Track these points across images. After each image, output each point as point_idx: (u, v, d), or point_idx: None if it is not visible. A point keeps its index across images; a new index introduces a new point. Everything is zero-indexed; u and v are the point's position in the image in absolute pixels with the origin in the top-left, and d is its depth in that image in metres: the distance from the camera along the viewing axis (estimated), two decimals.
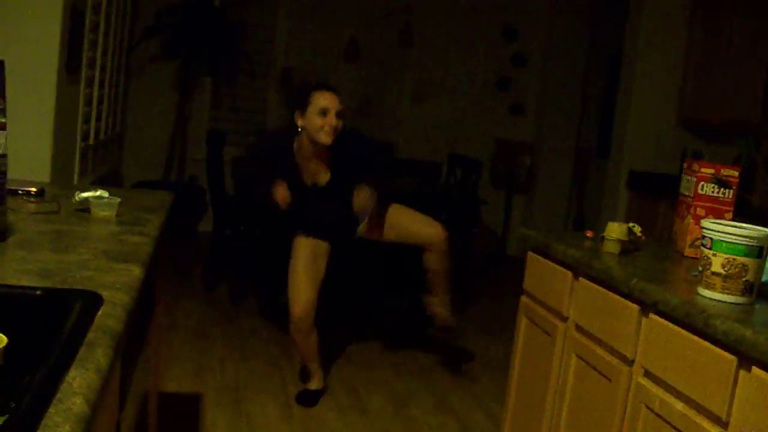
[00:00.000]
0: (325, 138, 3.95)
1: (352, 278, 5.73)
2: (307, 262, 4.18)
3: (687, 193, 2.89)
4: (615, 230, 2.76)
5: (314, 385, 4.36)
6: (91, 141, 5.73)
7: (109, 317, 1.38)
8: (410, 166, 7.72)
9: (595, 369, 2.58)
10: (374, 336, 5.48)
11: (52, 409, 0.98)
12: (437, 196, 6.33)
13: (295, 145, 4.09)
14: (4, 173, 1.86)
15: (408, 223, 4.39)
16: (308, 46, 8.53)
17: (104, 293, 1.50)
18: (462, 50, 8.72)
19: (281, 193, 3.99)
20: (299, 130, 4.04)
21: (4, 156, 1.85)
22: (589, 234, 3.08)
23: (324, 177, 4.14)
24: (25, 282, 1.56)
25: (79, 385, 1.08)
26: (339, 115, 3.98)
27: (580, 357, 2.70)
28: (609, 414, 2.46)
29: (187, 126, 8.27)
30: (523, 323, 3.23)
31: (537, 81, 8.89)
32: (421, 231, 4.38)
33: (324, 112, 3.94)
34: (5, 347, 1.25)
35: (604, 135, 7.94)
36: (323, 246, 4.27)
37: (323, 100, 3.96)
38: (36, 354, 1.31)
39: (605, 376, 2.50)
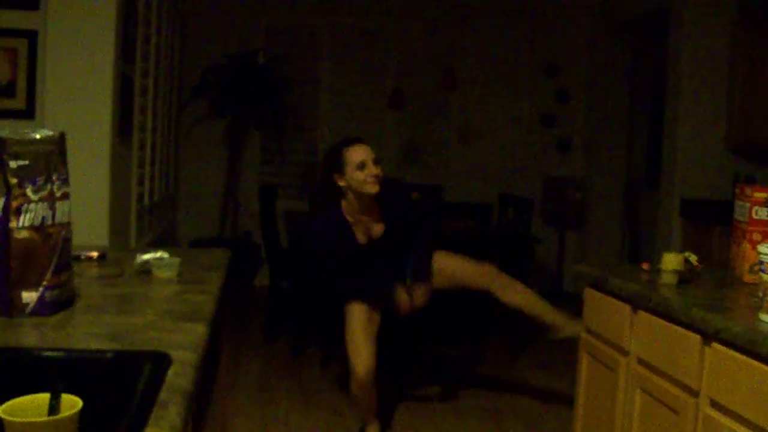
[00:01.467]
0: (372, 188, 3.96)
1: (406, 330, 5.72)
2: (363, 323, 4.18)
3: (741, 219, 2.88)
4: (671, 261, 2.75)
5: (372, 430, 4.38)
6: (146, 202, 5.84)
7: (179, 376, 1.42)
8: (461, 208, 7.73)
9: (660, 402, 2.56)
10: (431, 382, 5.47)
11: None
12: (490, 237, 6.33)
13: (343, 209, 4.09)
14: (69, 240, 1.92)
15: (454, 269, 4.37)
16: (353, 95, 8.63)
17: (172, 353, 1.54)
18: (505, 90, 8.77)
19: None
20: (342, 191, 4.05)
21: (68, 224, 1.90)
22: (645, 266, 3.07)
23: (378, 229, 4.14)
24: (94, 345, 1.60)
25: None
26: (376, 162, 4.00)
27: (644, 390, 2.68)
28: None
29: (239, 181, 8.39)
30: (584, 359, 3.22)
31: (582, 115, 8.89)
32: (469, 272, 4.37)
33: (362, 166, 3.95)
34: (81, 410, 1.29)
35: (653, 165, 7.89)
36: (378, 305, 4.29)
37: (357, 154, 3.97)
38: (110, 416, 1.35)
39: (672, 409, 2.48)
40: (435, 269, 4.33)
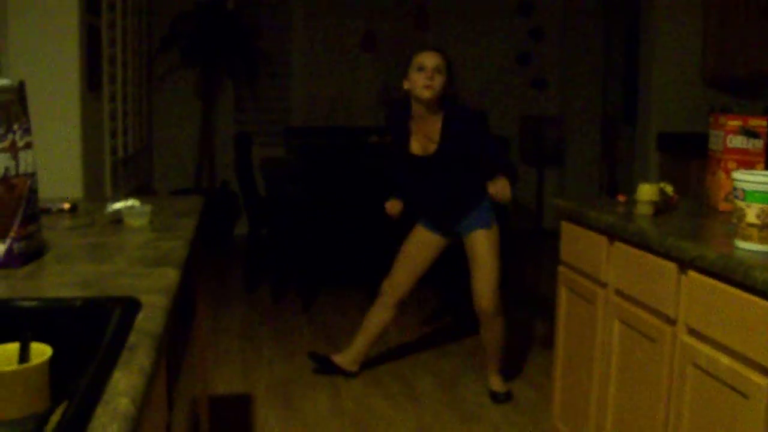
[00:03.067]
0: (423, 92, 3.90)
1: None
2: (412, 249, 4.30)
3: (716, 148, 2.87)
4: (646, 192, 2.75)
5: (350, 366, 4.51)
6: (120, 155, 5.79)
7: (149, 320, 1.41)
8: None
9: (638, 332, 2.58)
10: (416, 322, 5.50)
11: (99, 410, 1.00)
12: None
13: (411, 114, 4.06)
14: (35, 191, 1.88)
15: (475, 260, 4.13)
16: (324, 40, 8.54)
17: (142, 298, 1.53)
18: (478, 29, 8.70)
19: (393, 208, 4.17)
20: (407, 96, 4.03)
21: (33, 174, 1.87)
22: (621, 198, 3.07)
23: (433, 147, 4.03)
24: (64, 294, 1.59)
25: (124, 386, 1.10)
26: (438, 70, 3.92)
27: (622, 321, 2.70)
28: (656, 375, 2.45)
29: (214, 131, 8.33)
30: (563, 293, 3.23)
31: (557, 53, 8.85)
32: (484, 280, 4.11)
33: (420, 68, 3.91)
34: (51, 357, 1.28)
35: (629, 100, 7.88)
36: (436, 242, 4.27)
37: (420, 57, 3.95)
38: (81, 362, 1.34)
39: (649, 338, 2.50)
40: (475, 246, 4.14)
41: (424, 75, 3.90)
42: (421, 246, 4.29)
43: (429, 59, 3.94)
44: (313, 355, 4.57)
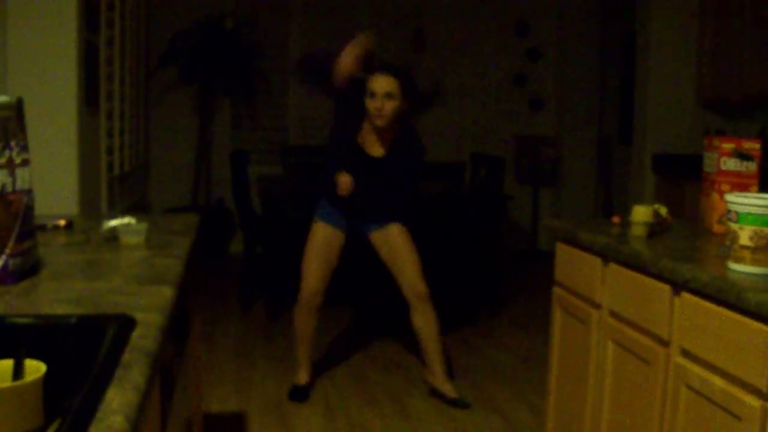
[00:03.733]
0: (375, 120, 3.97)
1: (373, 276, 5.72)
2: (321, 244, 4.32)
3: (710, 170, 2.89)
4: (641, 213, 2.76)
5: (301, 379, 4.49)
6: (116, 172, 5.80)
7: (144, 338, 1.41)
8: (433, 168, 7.72)
9: (632, 353, 2.58)
10: (410, 342, 5.50)
11: (93, 428, 1.01)
12: (463, 197, 6.33)
13: (367, 118, 4.08)
14: (31, 207, 1.89)
15: (397, 252, 4.28)
16: None
17: (137, 315, 1.53)
18: (475, 50, 8.74)
19: (344, 182, 4.07)
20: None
21: (30, 191, 1.88)
22: (615, 220, 3.08)
23: (379, 152, 4.13)
24: (59, 311, 1.59)
25: (118, 403, 1.10)
26: (388, 95, 3.94)
27: (616, 342, 2.70)
28: (650, 396, 2.45)
29: (211, 148, 8.34)
30: (557, 314, 3.23)
31: (553, 74, 8.88)
32: (403, 270, 4.28)
33: (372, 95, 3.94)
34: (45, 374, 1.28)
35: (625, 121, 7.91)
36: (340, 237, 4.34)
37: (373, 83, 3.96)
38: (75, 379, 1.34)
39: (643, 359, 2.50)
40: (391, 240, 4.31)
41: (374, 102, 3.94)
42: (331, 241, 4.32)
43: (380, 84, 3.96)
44: (291, 394, 4.46)
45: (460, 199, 6.16)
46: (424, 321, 4.34)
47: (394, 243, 4.28)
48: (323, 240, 4.32)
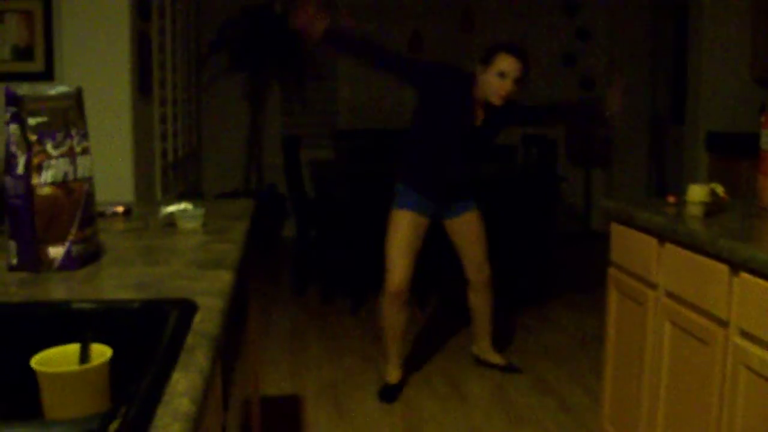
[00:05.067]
0: (496, 100, 3.95)
1: (444, 263, 5.73)
2: (407, 232, 4.16)
3: (767, 148, 2.84)
4: (697, 193, 2.73)
5: (393, 378, 4.35)
6: (170, 158, 5.86)
7: (206, 322, 1.43)
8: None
9: (690, 334, 2.56)
10: (463, 322, 5.50)
11: (160, 411, 1.03)
12: (516, 179, 6.30)
13: (472, 87, 4.05)
14: (92, 194, 1.93)
15: (471, 238, 4.34)
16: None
17: (198, 300, 1.55)
18: (524, 30, 8.66)
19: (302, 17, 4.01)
20: (477, 80, 4.01)
21: (90, 178, 1.91)
22: (671, 199, 3.04)
23: (480, 118, 4.12)
24: (121, 296, 1.62)
25: (183, 386, 1.12)
26: (517, 81, 3.94)
27: (673, 323, 2.68)
28: (708, 378, 2.43)
29: (262, 134, 8.39)
30: (613, 295, 3.21)
31: (604, 53, 8.79)
32: (470, 252, 4.36)
33: (501, 74, 3.91)
34: (111, 359, 1.31)
35: (678, 100, 7.81)
36: (424, 222, 4.22)
37: (504, 63, 3.91)
38: (140, 363, 1.37)
39: (701, 340, 2.48)
40: (464, 224, 4.33)
41: (502, 84, 3.92)
42: (418, 229, 4.20)
43: (512, 67, 3.92)
44: (381, 393, 4.34)
45: (513, 181, 6.14)
46: (481, 301, 4.46)
47: (471, 230, 4.33)
48: (410, 229, 4.16)
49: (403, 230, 4.16)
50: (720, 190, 2.86)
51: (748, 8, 6.42)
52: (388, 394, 4.28)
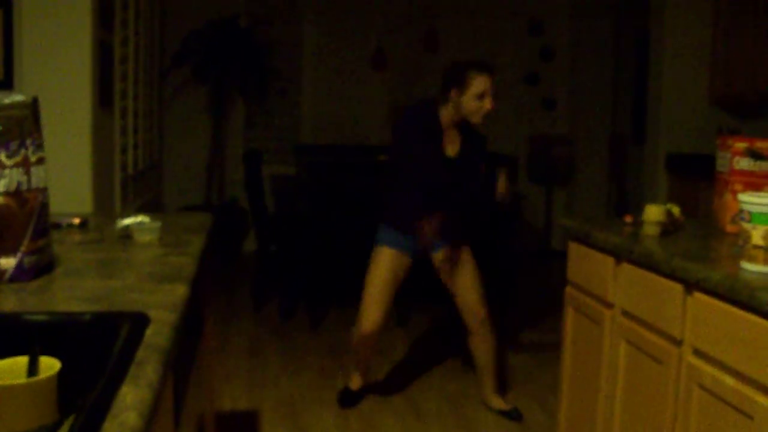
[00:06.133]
0: (478, 119, 3.94)
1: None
2: (387, 274, 4.08)
3: (723, 170, 2.88)
4: (653, 213, 2.76)
5: (355, 384, 4.39)
6: (130, 171, 5.82)
7: (158, 335, 1.42)
8: None
9: (645, 353, 2.58)
10: (420, 340, 5.50)
11: (107, 424, 1.02)
12: (477, 196, 6.32)
13: (441, 114, 4.01)
14: (47, 205, 1.90)
15: (467, 282, 4.19)
16: (335, 58, 8.58)
17: (151, 313, 1.54)
18: (488, 48, 8.72)
19: (429, 229, 3.86)
20: (448, 102, 3.98)
21: (45, 189, 1.89)
22: (628, 219, 3.07)
23: (454, 148, 4.06)
24: (73, 308, 1.60)
25: (132, 400, 1.11)
26: (494, 96, 3.96)
27: (629, 342, 2.70)
28: (662, 396, 2.45)
29: (224, 148, 8.36)
30: (570, 313, 3.23)
31: (566, 73, 8.87)
32: (465, 294, 4.18)
33: (482, 97, 3.90)
34: (60, 371, 1.29)
35: (638, 120, 7.89)
36: (406, 262, 4.13)
37: (481, 84, 3.89)
38: (89, 375, 1.35)
39: (656, 359, 2.50)
40: (459, 265, 4.19)
41: (485, 105, 3.91)
42: (398, 268, 4.11)
43: (488, 85, 3.91)
44: (342, 397, 4.41)
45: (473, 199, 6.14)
46: (482, 344, 4.26)
47: (461, 268, 4.17)
48: (390, 268, 4.08)
49: (383, 268, 4.08)
50: (676, 210, 2.90)
51: (709, 32, 6.51)
52: (348, 399, 4.32)
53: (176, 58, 7.90)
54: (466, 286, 4.17)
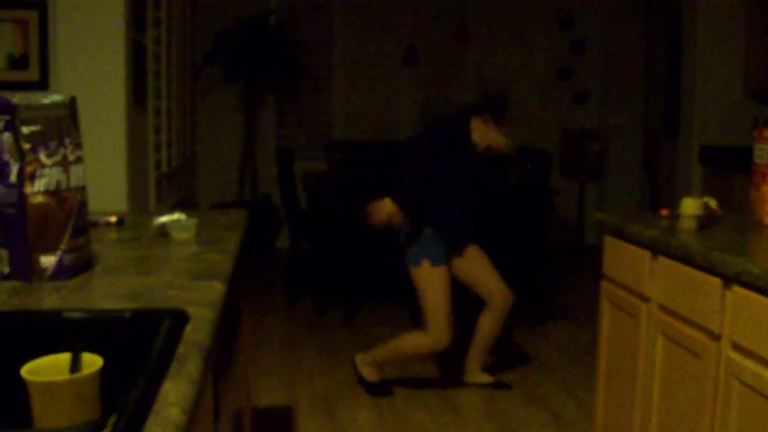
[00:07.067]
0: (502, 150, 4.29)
1: None
2: (448, 288, 4.16)
3: (760, 162, 2.85)
4: (690, 206, 2.74)
5: (374, 377, 4.49)
6: (164, 169, 5.86)
7: (197, 332, 1.43)
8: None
9: (682, 347, 2.56)
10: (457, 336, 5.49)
11: (150, 420, 1.03)
12: (510, 190, 6.31)
13: (473, 125, 4.24)
14: (85, 203, 1.92)
15: (484, 267, 4.38)
16: (366, 54, 8.59)
17: (190, 310, 1.55)
18: (519, 43, 8.70)
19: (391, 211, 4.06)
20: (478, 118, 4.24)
21: (83, 187, 1.91)
22: (664, 212, 3.05)
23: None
24: (112, 305, 1.62)
25: (174, 396, 1.12)
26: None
27: (666, 336, 2.68)
28: (701, 391, 2.43)
29: (256, 145, 8.39)
30: (606, 308, 3.21)
31: (598, 66, 8.81)
32: (490, 281, 4.36)
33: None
34: (102, 368, 1.30)
35: (671, 113, 7.83)
36: (449, 271, 4.23)
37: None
38: (131, 373, 1.36)
39: (693, 353, 2.48)
40: (467, 258, 4.36)
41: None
42: (450, 281, 4.20)
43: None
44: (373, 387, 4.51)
45: (506, 194, 6.14)
46: (493, 325, 4.41)
47: (474, 259, 4.36)
48: (447, 283, 4.17)
49: (444, 288, 4.15)
50: (713, 203, 2.87)
51: (742, 23, 6.44)
52: (378, 389, 4.45)
53: (208, 57, 7.93)
54: (487, 273, 4.37)
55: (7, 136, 1.75)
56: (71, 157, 1.87)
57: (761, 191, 2.84)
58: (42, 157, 1.79)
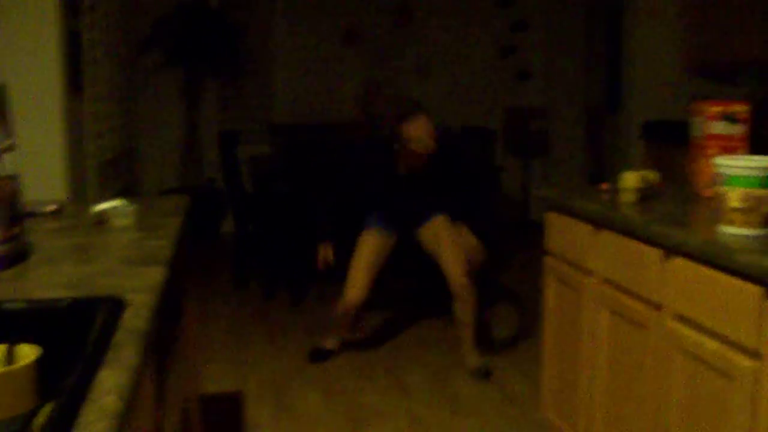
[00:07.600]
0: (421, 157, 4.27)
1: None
2: (370, 252, 4.42)
3: (698, 135, 2.89)
4: (629, 179, 2.77)
5: (330, 344, 4.69)
6: (104, 157, 5.77)
7: (135, 318, 1.41)
8: None
9: (625, 319, 2.59)
10: (403, 316, 5.50)
11: (86, 408, 1.01)
12: (454, 169, 6.32)
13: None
14: (18, 193, 1.88)
15: (438, 248, 4.46)
16: (307, 36, 8.53)
17: (129, 297, 1.53)
18: (461, 22, 8.70)
19: (323, 257, 4.46)
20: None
21: (15, 176, 1.87)
22: (604, 186, 3.08)
23: (420, 165, 4.35)
24: (50, 295, 1.59)
25: (110, 383, 1.10)
26: (431, 136, 4.21)
27: (610, 309, 2.71)
28: (644, 361, 2.46)
29: (199, 130, 8.31)
30: (550, 283, 3.24)
31: (540, 44, 8.86)
32: (447, 267, 4.44)
33: (418, 141, 4.18)
34: (39, 358, 1.28)
35: (613, 90, 7.89)
36: (390, 241, 4.48)
37: (414, 129, 4.18)
38: (70, 362, 1.34)
39: (636, 325, 2.51)
40: (432, 230, 4.49)
41: (423, 146, 4.24)
42: (381, 248, 4.46)
43: (424, 128, 4.21)
44: (314, 354, 4.70)
45: (450, 171, 6.14)
46: (464, 306, 4.47)
47: (436, 235, 4.47)
48: (373, 248, 4.44)
49: (366, 248, 4.43)
50: (652, 176, 2.90)
51: (680, 1, 6.51)
52: (321, 355, 4.64)
53: (147, 42, 7.82)
54: (447, 254, 4.43)
55: None
56: (1, 146, 1.82)
57: (699, 164, 2.87)
58: None
